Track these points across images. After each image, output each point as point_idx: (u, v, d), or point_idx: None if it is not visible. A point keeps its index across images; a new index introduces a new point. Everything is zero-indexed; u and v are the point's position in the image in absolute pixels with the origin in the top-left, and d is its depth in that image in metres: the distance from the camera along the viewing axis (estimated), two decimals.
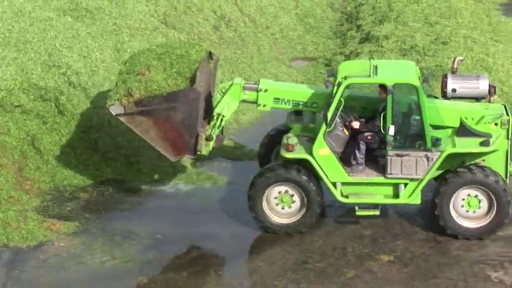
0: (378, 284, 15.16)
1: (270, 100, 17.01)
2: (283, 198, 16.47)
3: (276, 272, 15.52)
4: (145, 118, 16.50)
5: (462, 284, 15.12)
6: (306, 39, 25.50)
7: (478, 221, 16.37)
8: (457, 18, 25.27)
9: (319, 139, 16.09)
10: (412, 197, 16.39)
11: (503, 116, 16.37)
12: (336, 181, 16.37)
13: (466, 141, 16.15)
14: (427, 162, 16.13)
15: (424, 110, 15.95)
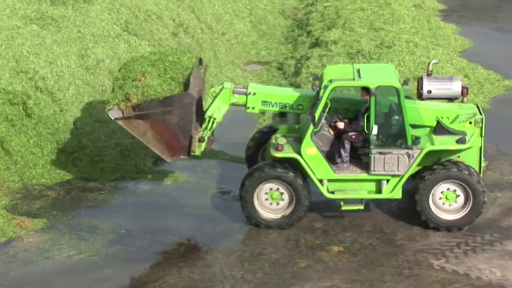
0: (329, 273, 15.18)
1: (258, 103, 16.98)
2: (273, 195, 16.47)
3: (234, 263, 15.52)
4: (143, 121, 16.41)
5: (407, 272, 15.20)
6: (260, 44, 25.53)
7: (456, 213, 16.43)
8: (400, 24, 25.44)
9: (306, 139, 16.12)
10: (393, 192, 16.44)
11: (477, 115, 16.51)
12: (323, 178, 16.38)
13: (443, 139, 16.26)
14: (408, 159, 16.18)
15: (405, 110, 16.01)
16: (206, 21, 24.97)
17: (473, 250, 15.80)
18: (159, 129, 16.42)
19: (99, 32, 21.70)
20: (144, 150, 19.08)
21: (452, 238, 16.15)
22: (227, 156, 19.36)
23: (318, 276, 15.11)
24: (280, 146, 16.17)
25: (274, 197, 16.45)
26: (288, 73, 23.08)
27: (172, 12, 24.15)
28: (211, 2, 25.80)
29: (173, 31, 23.65)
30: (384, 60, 22.33)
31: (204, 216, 17.04)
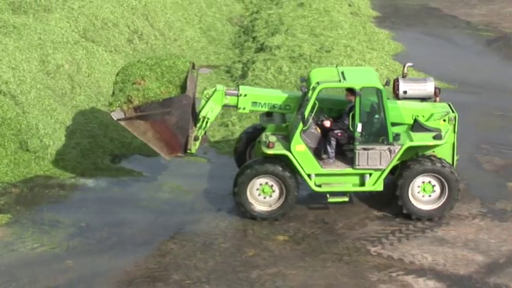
0: (275, 260, 15.23)
1: (249, 104, 16.94)
2: (264, 188, 16.44)
3: (187, 253, 15.49)
4: (143, 122, 16.38)
5: (347, 258, 15.30)
6: (209, 49, 25.49)
7: (433, 204, 16.53)
8: (338, 30, 25.57)
9: (296, 137, 16.13)
10: (376, 185, 16.50)
11: (450, 113, 16.65)
12: (311, 173, 16.38)
13: (421, 136, 16.37)
14: (390, 154, 16.25)
15: (387, 109, 16.09)
16: (159, 28, 24.88)
17: (406, 237, 15.96)
18: (159, 129, 16.41)
19: (58, 39, 21.48)
20: (102, 149, 19.02)
21: (387, 226, 16.29)
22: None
23: (264, 263, 15.15)
24: (272, 144, 16.18)
25: (265, 190, 16.45)
26: (236, 76, 23.09)
27: (127, 20, 24.01)
28: (164, 11, 25.69)
29: (128, 37, 23.52)
30: (324, 64, 22.41)
31: (158, 210, 16.99)
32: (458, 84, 22.73)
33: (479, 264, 15.09)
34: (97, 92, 20.79)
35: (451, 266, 15.04)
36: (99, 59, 21.66)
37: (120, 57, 22.43)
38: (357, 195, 17.13)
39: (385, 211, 16.82)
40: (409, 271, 14.89)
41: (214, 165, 18.87)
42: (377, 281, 14.62)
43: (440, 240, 15.83)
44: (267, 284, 14.55)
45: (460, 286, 14.48)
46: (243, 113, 17.50)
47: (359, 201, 17.17)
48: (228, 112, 20.86)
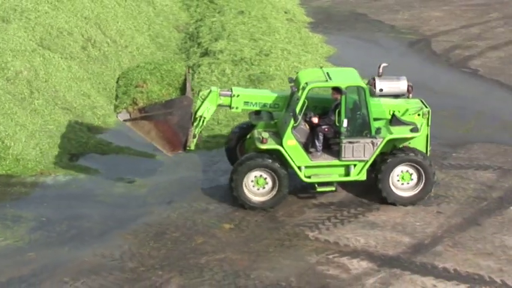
0: (222, 247, 15.22)
1: (241, 103, 16.86)
2: (258, 181, 16.38)
3: (141, 242, 15.40)
4: (147, 122, 16.28)
5: (287, 243, 15.34)
6: (158, 55, 25.35)
7: (410, 191, 16.62)
8: (275, 35, 25.64)
9: (287, 132, 16.12)
10: (360, 175, 16.54)
11: (424, 108, 16.76)
12: (301, 165, 16.37)
13: (399, 129, 16.45)
14: (373, 146, 16.29)
15: (370, 106, 16.14)
16: (111, 36, 24.66)
17: (341, 222, 16.05)
18: (162, 128, 16.31)
19: (17, 47, 21.15)
20: (60, 149, 18.80)
21: (324, 213, 16.35)
22: (132, 151, 19.17)
23: (212, 250, 15.13)
24: (265, 139, 16.16)
25: (259, 183, 16.40)
26: None
27: (81, 29, 23.76)
28: (115, 20, 25.48)
29: (82, 45, 23.26)
30: (263, 66, 22.46)
31: (113, 204, 16.87)
32: None
33: (407, 245, 15.25)
34: (54, 96, 20.54)
35: (381, 247, 15.17)
36: (56, 65, 21.40)
37: (75, 64, 22.19)
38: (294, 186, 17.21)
39: (321, 199, 16.90)
40: (344, 253, 14.98)
41: (165, 161, 18.77)
42: (315, 263, 14.69)
43: (371, 224, 15.95)
44: (215, 268, 14.54)
45: (389, 265, 14.61)
46: (236, 112, 17.46)
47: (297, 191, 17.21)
48: None
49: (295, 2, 31.72)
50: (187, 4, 29.47)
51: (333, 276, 14.29)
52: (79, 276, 14.33)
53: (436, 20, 29.35)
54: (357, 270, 14.48)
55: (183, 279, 14.27)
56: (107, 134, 20.04)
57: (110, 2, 26.10)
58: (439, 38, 27.54)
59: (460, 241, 15.36)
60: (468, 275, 14.31)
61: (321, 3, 31.85)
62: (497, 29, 28.41)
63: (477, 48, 26.31)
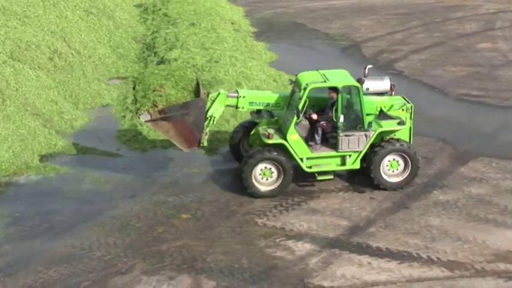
0: (181, 235, 15.15)
1: (246, 103, 16.87)
2: (265, 172, 16.35)
3: (107, 233, 15.25)
4: (166, 122, 16.24)
5: (239, 229, 15.33)
6: (119, 64, 25.08)
7: (398, 177, 16.74)
8: (224, 43, 25.55)
9: (291, 128, 16.18)
10: (354, 164, 16.66)
11: (407, 104, 16.90)
12: (303, 157, 16.44)
13: (388, 123, 16.61)
14: (366, 138, 16.42)
15: (363, 103, 16.23)
16: (75, 47, 24.31)
17: (286, 210, 16.09)
18: (179, 127, 16.27)
19: None
20: (32, 151, 18.48)
21: (270, 202, 16.36)
22: (98, 152, 18.93)
23: (172, 238, 15.05)
24: (271, 135, 16.23)
25: (266, 174, 16.38)
26: None
27: (47, 41, 23.40)
28: (79, 33, 25.13)
29: (49, 56, 22.89)
30: (214, 72, 22.34)
31: (81, 199, 16.64)
32: None
33: (344, 228, 15.35)
34: (24, 103, 20.18)
35: (322, 230, 15.25)
36: (25, 75, 21.03)
37: (43, 73, 21.84)
38: None
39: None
40: (290, 237, 15.03)
41: (127, 159, 18.59)
42: (264, 246, 14.71)
43: (313, 211, 16.02)
44: (174, 254, 14.46)
45: (330, 246, 14.69)
46: (242, 111, 17.37)
47: None
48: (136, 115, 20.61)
49: (240, 14, 31.66)
50: (144, 17, 29.22)
51: (280, 258, 14.32)
52: (51, 265, 14.13)
53: (365, 28, 29.56)
54: (301, 251, 14.53)
55: (146, 264, 14.16)
56: (73, 136, 19.76)
57: (74, 17, 25.76)
58: (368, 43, 27.74)
59: (391, 223, 15.51)
60: (398, 252, 14.46)
61: (263, 15, 31.85)
62: (418, 35, 28.72)
63: (401, 52, 26.57)
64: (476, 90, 22.42)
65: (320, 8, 32.85)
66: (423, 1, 33.48)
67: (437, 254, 14.36)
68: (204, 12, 28.41)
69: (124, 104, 21.75)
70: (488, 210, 15.91)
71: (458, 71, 24.45)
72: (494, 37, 28.17)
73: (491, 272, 13.79)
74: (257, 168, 16.33)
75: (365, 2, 33.43)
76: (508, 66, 24.76)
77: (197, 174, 17.71)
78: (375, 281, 13.57)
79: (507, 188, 16.78)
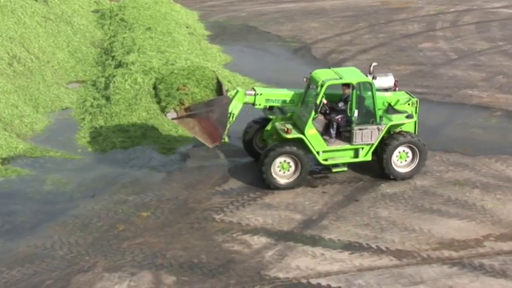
0: (141, 232, 15.03)
1: (263, 101, 16.84)
2: (283, 165, 16.34)
3: (69, 232, 15.05)
4: (192, 119, 16.23)
5: (197, 226, 15.27)
6: (77, 68, 24.79)
7: (407, 167, 16.88)
8: (179, 47, 25.44)
9: (309, 123, 16.24)
10: (367, 156, 16.75)
11: (413, 99, 17.07)
12: (319, 150, 16.47)
13: (397, 117, 16.78)
14: (378, 132, 16.53)
15: (376, 98, 16.30)
16: (34, 53, 23.94)
17: (242, 205, 16.08)
18: (204, 124, 16.25)
19: None
20: None
21: (227, 198, 16.34)
22: (58, 153, 18.67)
23: (133, 235, 14.93)
24: (289, 130, 16.25)
25: (284, 167, 16.37)
26: (100, 88, 22.51)
27: (6, 47, 23.01)
28: (37, 38, 24.74)
29: (9, 62, 22.52)
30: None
31: (43, 200, 16.39)
32: (275, 84, 23.03)
33: (298, 221, 15.41)
34: None
35: (277, 224, 15.28)
36: None
37: (2, 78, 21.45)
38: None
39: (224, 187, 16.88)
40: (246, 231, 15.03)
41: (87, 160, 18.38)
42: (222, 241, 14.68)
43: (268, 206, 16.04)
44: (135, 251, 14.34)
45: (285, 239, 14.73)
46: (258, 108, 17.23)
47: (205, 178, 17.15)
48: (95, 117, 20.42)
49: (195, 18, 31.55)
50: (101, 23, 28.90)
51: (237, 252, 14.31)
52: (14, 265, 13.90)
53: (315, 30, 29.71)
54: (257, 245, 14.54)
55: (107, 262, 14.02)
56: (34, 139, 19.47)
57: (32, 23, 25.36)
58: (318, 44, 27.90)
59: (342, 215, 15.62)
60: (350, 243, 14.58)
61: (217, 19, 31.79)
62: (365, 36, 28.98)
63: (349, 52, 26.78)
64: (420, 88, 22.70)
65: (271, 11, 32.92)
66: (368, 4, 33.81)
67: (386, 243, 14.52)
68: (159, 17, 28.22)
69: (83, 107, 21.50)
70: (432, 200, 16.14)
71: (402, 69, 24.74)
72: (435, 37, 28.60)
73: (436, 259, 14.00)
74: (276, 162, 16.38)
75: (314, 5, 33.62)
76: (449, 65, 25.16)
77: (156, 173, 17.60)
78: (328, 271, 13.65)
79: (450, 180, 17.05)
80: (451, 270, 13.67)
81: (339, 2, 34.27)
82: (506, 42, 27.77)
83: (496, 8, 33.25)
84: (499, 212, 15.64)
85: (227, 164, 17.99)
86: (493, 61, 25.57)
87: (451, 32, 29.30)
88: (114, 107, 20.54)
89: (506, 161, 17.84)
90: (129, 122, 19.88)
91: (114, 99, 20.87)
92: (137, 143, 18.99)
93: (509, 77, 23.94)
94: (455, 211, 15.68)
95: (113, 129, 19.61)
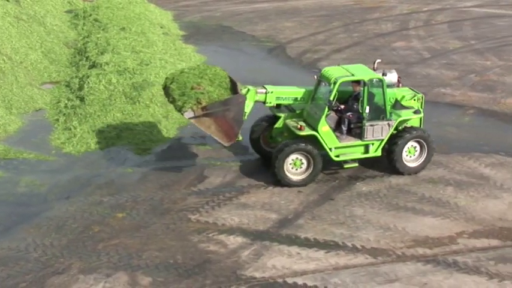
0: (116, 233, 14.94)
1: (274, 99, 16.90)
2: (295, 162, 16.37)
3: (44, 234, 14.91)
4: (208, 118, 16.11)
5: (173, 226, 15.22)
6: (51, 68, 24.56)
7: (415, 162, 17.15)
8: (154, 47, 25.32)
9: (322, 120, 16.35)
10: (377, 152, 16.92)
11: (418, 95, 17.35)
12: (331, 147, 16.54)
13: (405, 112, 17.04)
14: (388, 127, 16.70)
15: (386, 94, 16.45)
16: (6, 53, 23.67)
17: (218, 205, 16.05)
18: (220, 123, 16.15)
19: None
20: None
21: (203, 198, 16.30)
22: (32, 155, 18.49)
23: (108, 236, 14.83)
24: (302, 127, 16.33)
25: (296, 164, 16.40)
26: (74, 89, 22.34)
27: None
28: (9, 39, 24.46)
29: None
30: (145, 74, 22.09)
31: (16, 202, 16.21)
32: (251, 84, 23.03)
33: (274, 221, 15.42)
34: None
35: (253, 224, 15.28)
36: None
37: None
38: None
39: (199, 187, 16.83)
40: (222, 231, 15.01)
41: (61, 161, 18.22)
42: (198, 241, 14.65)
43: (243, 205, 16.04)
44: (111, 252, 14.26)
45: (260, 239, 14.74)
46: (268, 106, 17.25)
47: (181, 179, 17.11)
48: (69, 118, 20.27)
49: (169, 18, 31.44)
50: (74, 23, 28.69)
51: (213, 252, 14.29)
52: None
53: (289, 30, 29.76)
54: (233, 245, 14.53)
55: (83, 263, 13.92)
56: (7, 141, 19.25)
57: (4, 23, 25.06)
58: (293, 44, 27.95)
59: (318, 214, 15.67)
60: (325, 242, 14.62)
61: (191, 18, 31.71)
62: (339, 35, 29.09)
63: (324, 52, 26.86)
64: None
65: (246, 11, 32.93)
66: (342, 3, 33.95)
67: (361, 242, 14.58)
68: (133, 17, 28.09)
69: (57, 108, 21.33)
70: (407, 199, 16.25)
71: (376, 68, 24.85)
72: (408, 36, 28.79)
73: (411, 257, 14.09)
74: (289, 158, 16.44)
75: (288, 5, 33.68)
76: (422, 64, 25.35)
77: (131, 173, 17.51)
78: (304, 270, 13.68)
79: (424, 178, 17.17)
80: (425, 267, 13.77)
81: (312, 1, 34.38)
82: (478, 41, 28.05)
83: (468, 7, 33.57)
84: (472, 209, 15.79)
85: (202, 164, 17.95)
86: (465, 60, 25.81)
87: (424, 31, 29.52)
88: (89, 108, 20.40)
89: (479, 159, 18.01)
90: (103, 123, 19.75)
91: (88, 100, 20.73)
92: (112, 144, 18.89)
93: (481, 76, 24.19)
94: (430, 209, 15.80)
95: (88, 130, 19.48)
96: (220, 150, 18.40)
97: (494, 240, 14.64)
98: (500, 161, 18.00)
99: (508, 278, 13.42)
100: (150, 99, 20.67)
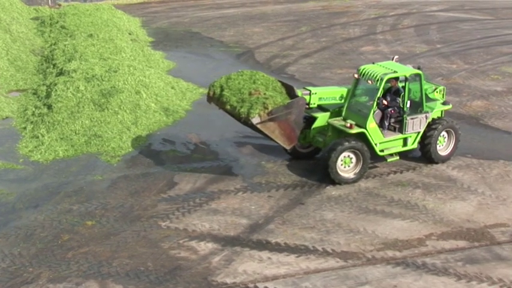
0: (86, 241, 14.81)
1: (317, 99, 17.30)
2: (345, 160, 16.76)
3: (12, 244, 14.72)
4: (273, 122, 16.21)
5: (143, 233, 15.13)
6: (17, 76, 24.35)
7: (444, 151, 17.94)
8: (122, 53, 25.25)
9: (370, 117, 16.81)
10: (414, 144, 17.57)
11: (439, 87, 18.09)
12: (377, 142, 17.01)
13: (434, 104, 17.79)
14: (425, 119, 17.43)
15: (423, 87, 17.23)
16: None
17: (188, 211, 16.01)
18: (283, 126, 16.33)
19: None
20: None
21: (173, 205, 16.25)
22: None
23: (77, 244, 14.70)
24: (352, 125, 16.66)
25: (346, 162, 16.80)
26: (42, 96, 22.17)
27: None
28: None
29: None
30: (113, 81, 21.99)
31: None
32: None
33: (245, 226, 15.42)
34: None
35: (223, 230, 15.27)
36: None
37: None
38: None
39: (170, 193, 16.79)
40: (193, 237, 14.97)
41: (29, 170, 18.05)
42: (168, 248, 14.59)
43: (214, 211, 16.02)
44: (80, 261, 14.14)
45: (231, 244, 14.72)
46: (312, 107, 17.45)
47: (150, 185, 17.04)
48: (37, 126, 20.09)
49: (137, 24, 31.39)
50: (41, 30, 28.50)
51: (183, 258, 14.25)
52: None
53: (257, 35, 29.87)
54: (204, 251, 14.50)
55: (52, 273, 13.78)
56: None
57: None
58: (261, 49, 28.04)
59: (288, 219, 15.71)
60: (296, 246, 14.66)
61: (160, 25, 31.66)
62: (307, 40, 29.26)
63: (292, 57, 26.99)
64: None
65: (214, 16, 32.97)
66: (310, 8, 34.16)
67: (331, 245, 14.66)
68: (101, 24, 27.99)
69: (24, 116, 21.14)
70: (376, 202, 16.38)
71: (344, 72, 25.05)
72: (376, 40, 29.05)
73: (381, 260, 14.19)
74: (340, 156, 16.72)
75: (256, 10, 33.81)
76: None
77: (100, 181, 17.41)
78: (275, 274, 13.70)
79: (392, 181, 17.32)
80: (395, 270, 13.88)
81: (280, 6, 34.54)
82: (444, 45, 28.40)
83: (434, 11, 33.99)
84: (440, 211, 15.96)
85: (172, 170, 17.91)
86: (432, 63, 26.11)
87: (391, 35, 29.82)
88: (56, 116, 20.24)
89: (447, 162, 18.22)
90: (72, 130, 19.62)
91: (56, 108, 20.58)
92: (81, 151, 18.77)
93: (448, 79, 24.48)
94: (399, 211, 15.94)
95: (56, 138, 19.33)
96: (190, 156, 18.38)
97: (462, 241, 14.81)
98: (466, 163, 18.24)
99: (475, 278, 13.59)
100: (118, 106, 20.58)
